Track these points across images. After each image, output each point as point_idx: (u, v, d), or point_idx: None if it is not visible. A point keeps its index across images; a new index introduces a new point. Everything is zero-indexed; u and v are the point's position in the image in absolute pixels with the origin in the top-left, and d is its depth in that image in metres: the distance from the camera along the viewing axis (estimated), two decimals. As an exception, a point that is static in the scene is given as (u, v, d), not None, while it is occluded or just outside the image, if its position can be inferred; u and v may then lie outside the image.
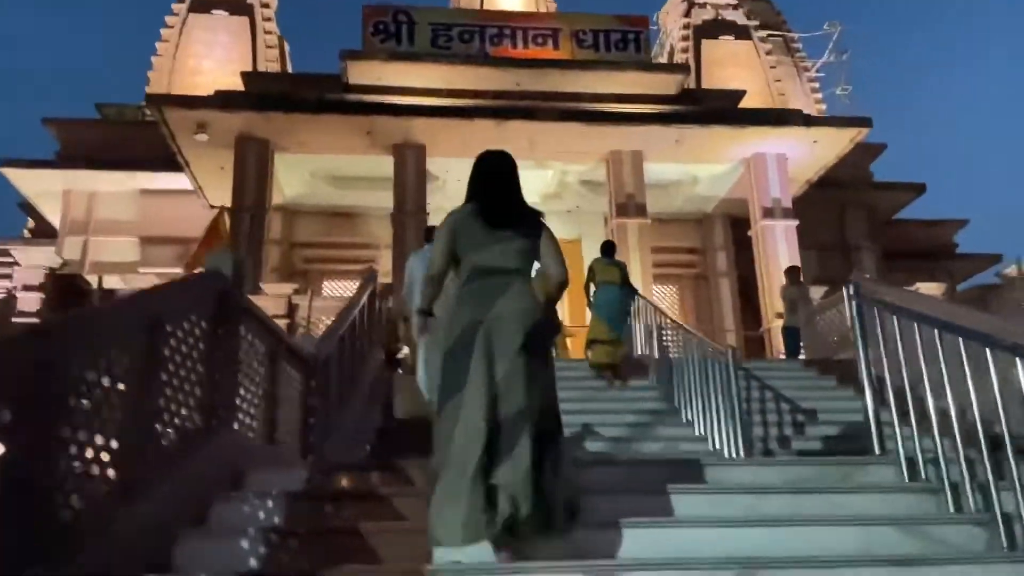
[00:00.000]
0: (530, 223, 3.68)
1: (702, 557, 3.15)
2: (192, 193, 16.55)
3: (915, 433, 4.01)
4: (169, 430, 3.47)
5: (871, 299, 4.52)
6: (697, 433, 6.87)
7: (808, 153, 15.61)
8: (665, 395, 7.99)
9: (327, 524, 3.51)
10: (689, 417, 7.18)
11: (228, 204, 14.64)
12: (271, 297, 10.36)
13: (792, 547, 3.32)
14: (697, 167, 16.19)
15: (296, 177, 16.12)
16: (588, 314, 9.55)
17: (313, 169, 15.99)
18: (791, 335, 10.51)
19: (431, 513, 3.17)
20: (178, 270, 17.49)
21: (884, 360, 4.30)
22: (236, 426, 4.26)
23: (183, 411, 3.63)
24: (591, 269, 9.55)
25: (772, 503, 3.73)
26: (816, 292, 12.64)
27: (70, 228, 18.12)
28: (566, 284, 3.68)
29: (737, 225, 17.72)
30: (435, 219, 17.20)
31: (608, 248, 9.88)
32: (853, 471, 4.13)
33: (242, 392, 4.35)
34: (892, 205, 20.09)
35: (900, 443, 4.10)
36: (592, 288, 9.30)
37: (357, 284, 17.55)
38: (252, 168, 14.71)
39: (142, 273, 17.54)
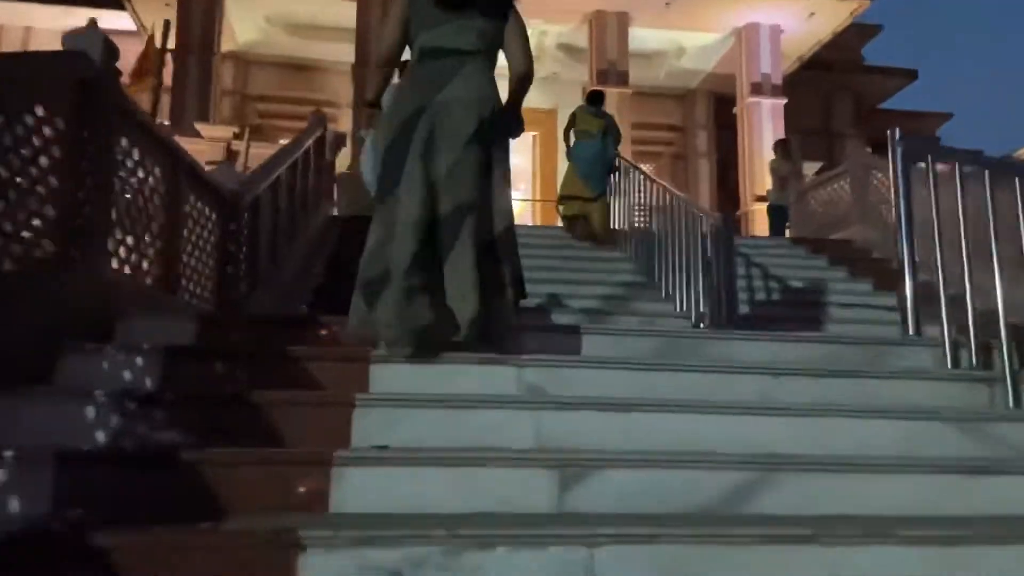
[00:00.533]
0: (497, 4, 3.18)
1: (708, 452, 2.34)
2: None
3: (970, 314, 3.20)
4: (-3, 256, 2.53)
5: (924, 151, 3.61)
6: (678, 309, 6.06)
7: (803, 27, 14.45)
8: (643, 268, 7.14)
9: (210, 390, 2.63)
10: (670, 292, 6.35)
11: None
12: (207, 142, 9.20)
13: (822, 444, 2.53)
14: (685, 35, 15.00)
15: (250, 21, 14.67)
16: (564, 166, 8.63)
17: (269, 13, 14.54)
18: (777, 213, 9.65)
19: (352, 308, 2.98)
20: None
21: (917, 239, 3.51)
22: (115, 264, 3.32)
23: (23, 232, 2.68)
24: (572, 116, 8.57)
25: (790, 388, 2.91)
26: (809, 168, 11.74)
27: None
28: (530, 78, 3.23)
29: (721, 104, 16.65)
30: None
31: (594, 97, 8.95)
32: (886, 354, 3.31)
33: (125, 221, 3.38)
34: (880, 92, 19.07)
35: (945, 320, 3.29)
36: (572, 138, 8.29)
37: (315, 144, 16.57)
38: (199, 4, 13.24)
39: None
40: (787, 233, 9.46)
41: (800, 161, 9.95)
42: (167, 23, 9.59)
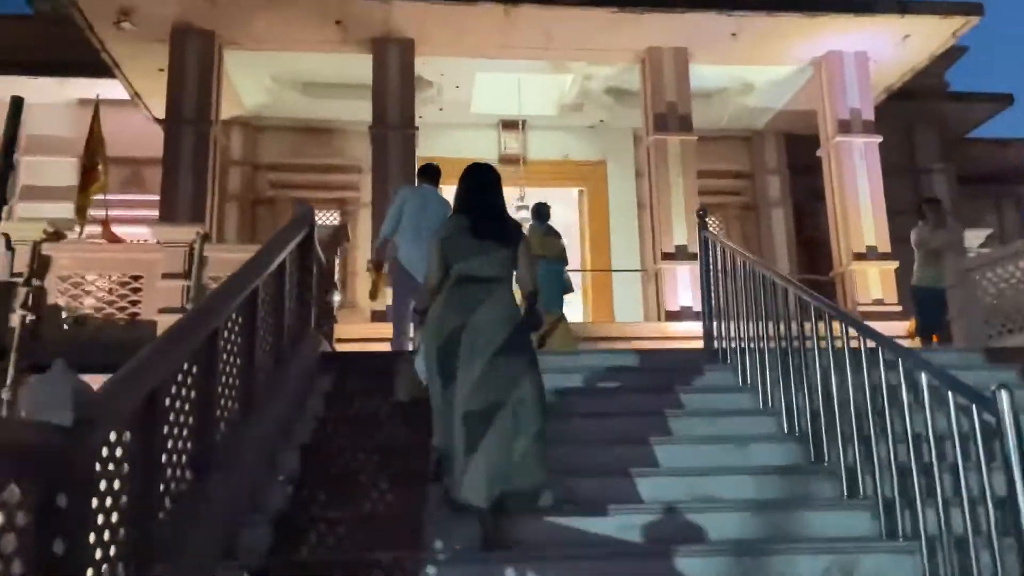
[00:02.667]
0: (511, 235, 4.03)
1: None
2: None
3: None
4: None
5: None
6: (898, 534, 3.55)
7: (895, 52, 11.92)
8: (789, 422, 4.60)
9: None
10: (862, 488, 3.82)
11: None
12: (164, 248, 6.73)
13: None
14: (753, 71, 12.54)
15: (255, 82, 12.55)
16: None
17: (275, 72, 12.40)
18: (930, 299, 7.01)
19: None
20: (127, 196, 14.19)
21: None
22: None
23: None
24: None
25: None
26: (974, 238, 9.04)
27: (-3, 146, 14.60)
28: (536, 295, 4.02)
29: (793, 145, 14.15)
30: (428, 139, 13.74)
31: (542, 212, 8.63)
32: None
33: None
34: (968, 120, 16.40)
35: None
36: None
37: (335, 215, 14.32)
38: (193, 68, 11.13)
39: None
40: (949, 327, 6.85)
41: (960, 227, 7.28)
42: (97, 101, 7.54)
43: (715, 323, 5.92)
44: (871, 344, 3.81)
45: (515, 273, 3.99)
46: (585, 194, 13.83)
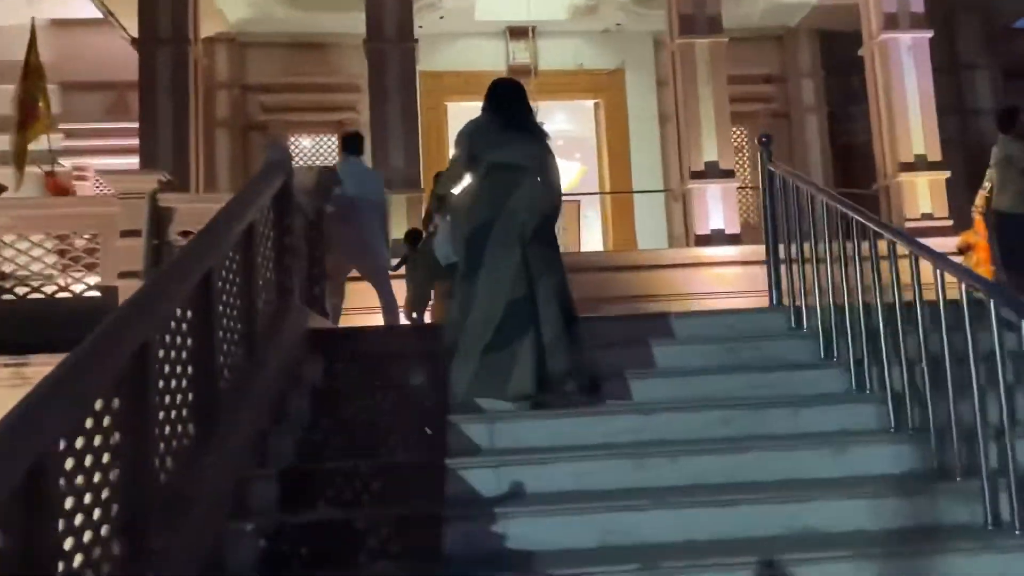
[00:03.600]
0: (540, 133, 4.10)
1: None
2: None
3: None
4: None
5: None
6: None
7: (945, -67, 10.49)
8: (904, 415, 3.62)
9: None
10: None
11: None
12: (119, 201, 5.48)
13: None
14: (787, -40, 11.12)
15: (238, -6, 11.22)
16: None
17: (260, -19, 11.08)
18: (1013, 226, 5.92)
19: (451, 371, 3.81)
20: (108, 124, 13.04)
21: None
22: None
23: None
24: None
25: None
26: None
27: (-32, 74, 13.37)
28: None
29: (829, 45, 12.75)
30: (428, 52, 12.35)
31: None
32: None
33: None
34: (1015, 8, 14.81)
35: None
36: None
37: (335, 140, 13.13)
38: (166, -23, 9.82)
39: (63, 129, 13.03)
40: None
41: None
42: (33, 21, 6.37)
43: (782, 274, 4.87)
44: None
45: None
46: (602, 107, 12.55)
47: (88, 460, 2.14)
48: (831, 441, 3.41)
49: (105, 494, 2.22)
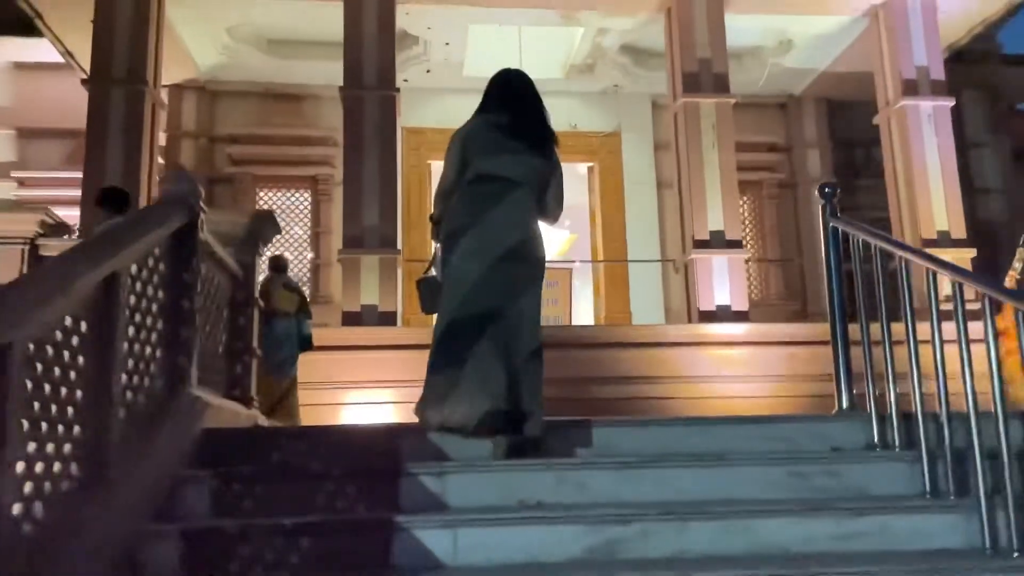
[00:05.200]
0: (547, 147, 3.45)
1: None
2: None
3: None
4: None
5: None
6: None
7: (961, 2, 9.60)
8: None
9: None
10: None
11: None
12: None
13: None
14: (795, 24, 10.18)
15: (209, 38, 10.11)
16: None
17: (232, 25, 9.97)
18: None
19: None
20: (66, 173, 11.79)
21: None
22: None
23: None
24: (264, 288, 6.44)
25: None
26: None
27: (-78, 117, 12.14)
28: (555, 219, 3.55)
29: (835, 113, 11.79)
30: (413, 106, 11.27)
31: (281, 264, 7.67)
32: None
33: None
34: (1021, 86, 14.04)
35: None
36: None
37: (307, 196, 11.90)
38: (125, 15, 8.67)
39: (17, 177, 11.79)
40: None
41: None
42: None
43: (847, 367, 3.59)
44: None
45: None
46: (596, 171, 11.43)
47: None
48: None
49: None
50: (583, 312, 11.28)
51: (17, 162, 12.00)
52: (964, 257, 9.05)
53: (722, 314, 8.69)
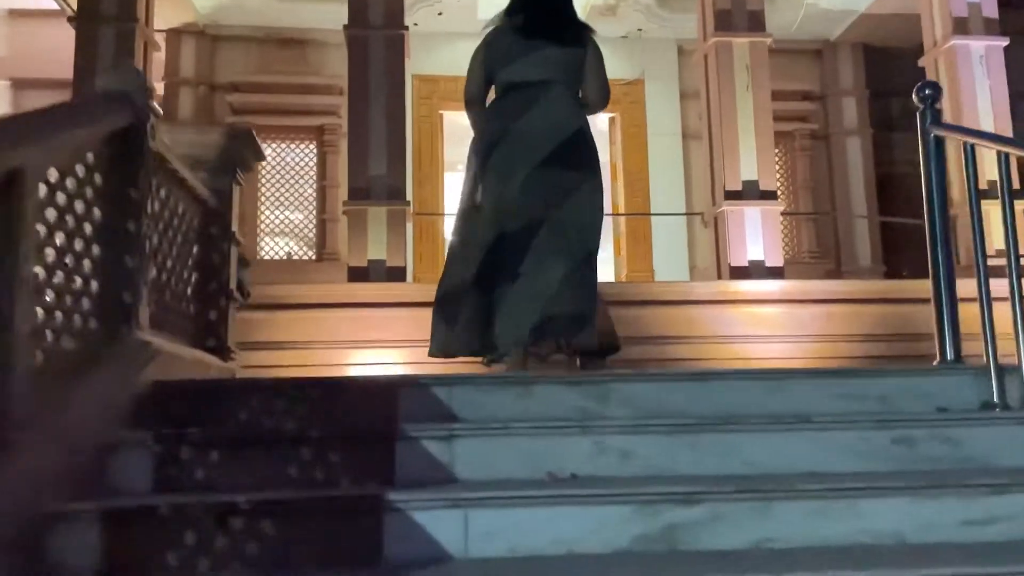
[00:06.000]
0: (574, 35, 3.20)
1: None
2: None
3: None
4: None
5: None
6: None
7: (1023, -71, 8.72)
8: None
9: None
10: None
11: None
12: None
13: None
14: (834, -41, 9.36)
15: (206, -23, 9.41)
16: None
17: (230, -38, 9.27)
18: None
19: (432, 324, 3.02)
20: (63, 127, 11.14)
21: None
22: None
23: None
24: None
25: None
26: None
27: (-91, 67, 11.52)
28: (602, 108, 3.30)
29: (873, 60, 10.95)
30: (422, 52, 10.51)
31: None
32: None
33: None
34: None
35: None
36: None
37: (312, 147, 11.21)
38: (111, -52, 7.98)
39: (12, 132, 11.13)
40: None
41: None
42: None
43: (953, 308, 2.91)
44: None
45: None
46: (617, 122, 10.66)
47: None
48: None
49: None
50: (602, 271, 10.59)
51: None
52: (1019, 209, 8.30)
53: (755, 270, 7.99)
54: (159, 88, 10.14)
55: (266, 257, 10.16)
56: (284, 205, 10.33)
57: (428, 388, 2.39)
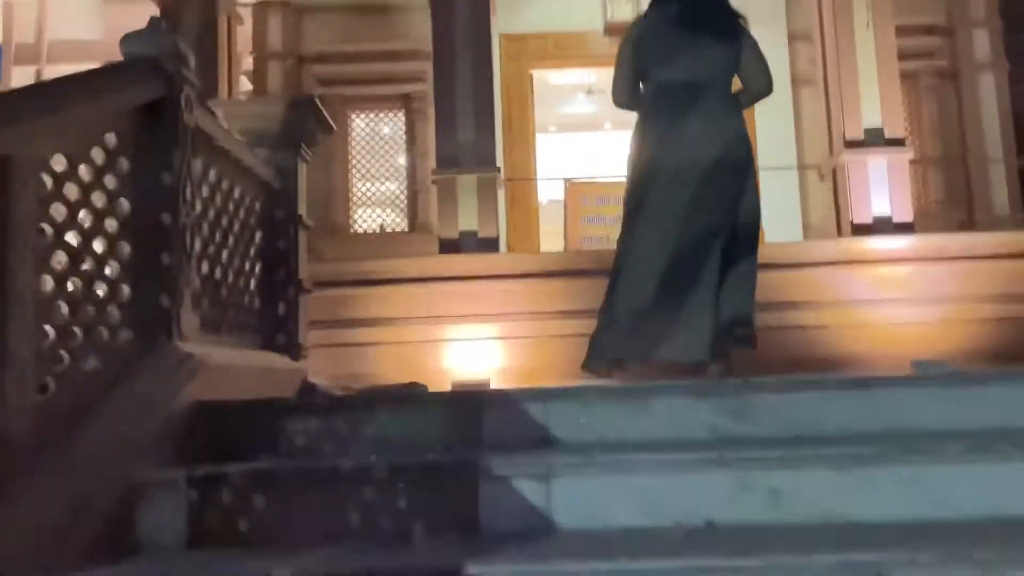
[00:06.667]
0: (729, 27, 3.08)
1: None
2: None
3: None
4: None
5: None
6: None
7: None
8: None
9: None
10: None
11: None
12: None
13: None
14: None
15: (287, -54, 9.07)
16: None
17: (310, -71, 8.90)
18: None
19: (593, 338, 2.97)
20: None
21: None
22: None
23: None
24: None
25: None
26: None
27: (16, 55, 11.73)
28: (767, 95, 3.20)
29: (1009, -15, 9.69)
30: (508, 9, 9.91)
31: None
32: None
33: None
34: None
35: None
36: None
37: (401, 116, 10.83)
38: (189, -78, 7.72)
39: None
40: None
41: None
42: None
43: None
44: None
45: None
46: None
47: None
48: None
49: None
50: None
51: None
52: None
53: (881, 226, 7.15)
54: (247, 63, 9.96)
55: (359, 230, 9.90)
56: (375, 176, 10.02)
57: (519, 404, 1.91)
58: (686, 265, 2.83)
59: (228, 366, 2.23)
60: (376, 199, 10.00)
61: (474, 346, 7.00)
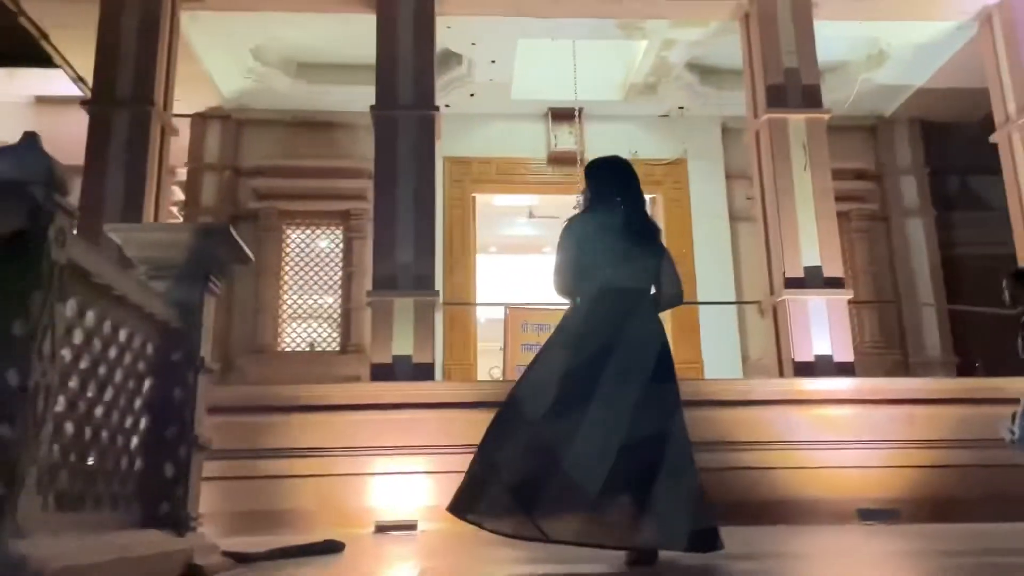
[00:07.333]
0: (654, 238, 3.28)
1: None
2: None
3: None
4: None
5: None
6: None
7: (1098, -3, 7.93)
8: None
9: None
10: None
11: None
12: None
13: None
14: (890, 32, 8.61)
15: (232, 62, 8.88)
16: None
17: (257, 44, 8.76)
18: None
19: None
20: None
21: None
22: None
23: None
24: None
25: None
26: None
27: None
28: (678, 302, 3.34)
29: (930, 135, 10.12)
30: (455, 134, 9.82)
31: None
32: None
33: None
34: None
35: None
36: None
37: (339, 233, 10.48)
38: (130, 27, 7.47)
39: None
40: None
41: None
42: None
43: None
44: None
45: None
46: (659, 203, 9.86)
47: None
48: None
49: None
50: (647, 362, 9.62)
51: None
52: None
53: (823, 365, 7.00)
54: (182, 174, 9.62)
55: (287, 348, 9.38)
56: (309, 290, 9.61)
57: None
58: (641, 458, 2.88)
59: (82, 568, 1.75)
60: (308, 313, 9.55)
61: (403, 481, 6.45)
